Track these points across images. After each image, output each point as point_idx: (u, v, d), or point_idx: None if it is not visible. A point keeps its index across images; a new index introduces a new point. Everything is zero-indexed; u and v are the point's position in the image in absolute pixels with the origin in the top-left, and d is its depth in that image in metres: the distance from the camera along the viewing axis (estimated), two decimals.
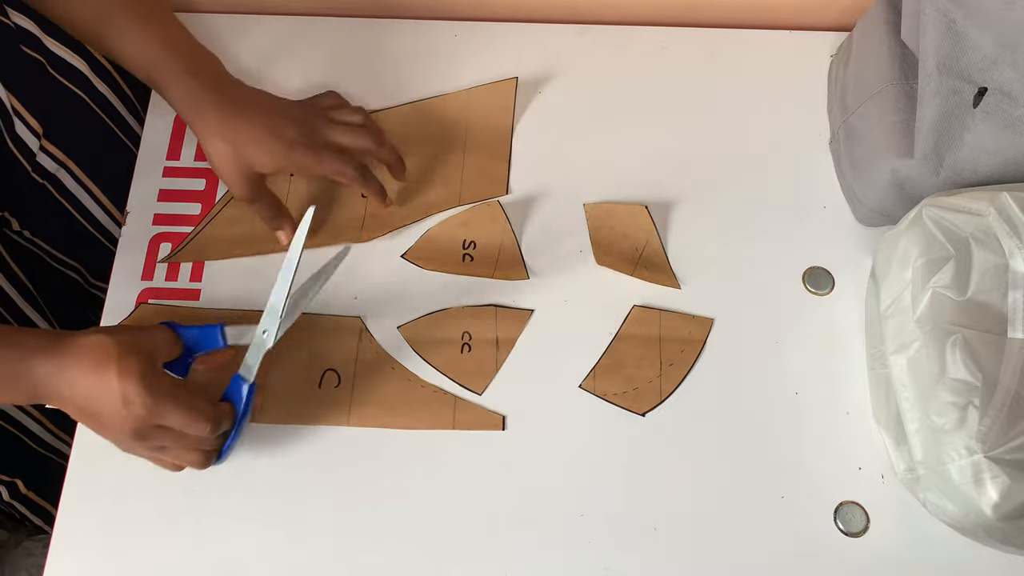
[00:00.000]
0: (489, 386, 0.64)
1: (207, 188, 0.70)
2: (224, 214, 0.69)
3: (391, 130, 0.71)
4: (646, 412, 0.63)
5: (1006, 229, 0.53)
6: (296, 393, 0.63)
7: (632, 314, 0.66)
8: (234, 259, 0.67)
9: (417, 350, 0.65)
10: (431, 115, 0.73)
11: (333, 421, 0.62)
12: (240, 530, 0.60)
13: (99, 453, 0.56)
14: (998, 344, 0.52)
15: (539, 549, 0.59)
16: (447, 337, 0.65)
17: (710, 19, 0.78)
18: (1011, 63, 0.55)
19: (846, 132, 0.70)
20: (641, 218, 0.68)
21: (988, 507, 0.50)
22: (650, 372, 0.64)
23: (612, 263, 0.67)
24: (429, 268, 0.67)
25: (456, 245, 0.68)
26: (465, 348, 0.65)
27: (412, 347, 0.65)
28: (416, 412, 0.63)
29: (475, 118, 0.73)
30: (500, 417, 0.63)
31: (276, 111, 0.63)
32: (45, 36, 0.67)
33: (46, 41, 0.67)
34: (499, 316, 0.66)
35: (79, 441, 0.62)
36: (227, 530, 0.60)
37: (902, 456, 0.58)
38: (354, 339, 0.65)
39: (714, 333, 0.66)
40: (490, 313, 0.66)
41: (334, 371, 0.64)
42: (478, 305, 0.66)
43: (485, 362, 0.64)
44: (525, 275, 0.67)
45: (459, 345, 0.65)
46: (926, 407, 0.53)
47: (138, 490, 0.60)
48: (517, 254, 0.68)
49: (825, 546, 0.59)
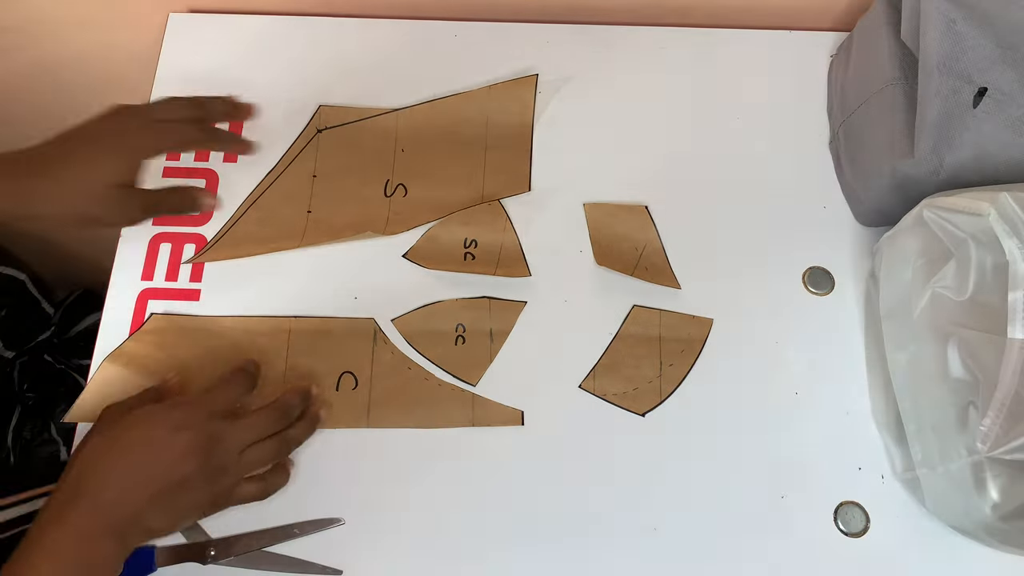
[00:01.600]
0: (493, 386, 0.64)
1: (207, 188, 0.70)
2: (249, 215, 0.69)
3: (411, 128, 0.71)
4: (646, 412, 0.63)
5: (1006, 229, 0.53)
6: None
7: (632, 314, 0.66)
8: (235, 260, 0.67)
9: (411, 342, 0.65)
10: (450, 114, 0.73)
11: (351, 423, 0.62)
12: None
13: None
14: (998, 344, 0.52)
15: (539, 549, 0.59)
16: (441, 329, 0.65)
17: (710, 19, 0.78)
18: (1011, 63, 0.55)
19: (846, 132, 0.70)
20: (641, 218, 0.68)
21: (988, 507, 0.50)
22: (650, 372, 0.64)
23: (612, 263, 0.67)
24: (430, 267, 0.67)
25: (457, 244, 0.68)
26: (459, 340, 0.65)
27: (407, 340, 0.65)
28: (434, 411, 0.63)
29: (495, 116, 0.73)
30: (519, 412, 0.63)
31: (86, 137, 0.62)
32: None
33: None
34: (492, 308, 0.66)
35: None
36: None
37: (902, 456, 0.58)
38: (368, 341, 0.65)
39: (714, 333, 0.66)
40: (484, 305, 0.66)
41: (351, 374, 0.64)
42: (472, 297, 0.66)
43: (479, 354, 0.64)
44: (527, 272, 0.67)
45: (453, 337, 0.65)
46: (926, 407, 0.53)
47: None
48: (519, 251, 0.68)
49: (825, 546, 0.59)
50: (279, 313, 0.65)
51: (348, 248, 0.68)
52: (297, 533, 0.59)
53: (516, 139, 0.72)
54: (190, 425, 0.52)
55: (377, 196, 0.70)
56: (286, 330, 0.65)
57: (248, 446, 0.54)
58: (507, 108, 0.73)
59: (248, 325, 0.65)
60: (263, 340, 0.64)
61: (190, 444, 0.51)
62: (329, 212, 0.69)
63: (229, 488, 0.54)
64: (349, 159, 0.71)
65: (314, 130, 0.72)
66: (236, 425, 0.54)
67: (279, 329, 0.65)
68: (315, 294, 0.66)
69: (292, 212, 0.69)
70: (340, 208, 0.69)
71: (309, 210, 0.69)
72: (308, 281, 0.67)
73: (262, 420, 0.55)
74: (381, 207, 0.70)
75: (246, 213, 0.69)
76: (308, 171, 0.71)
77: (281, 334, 0.65)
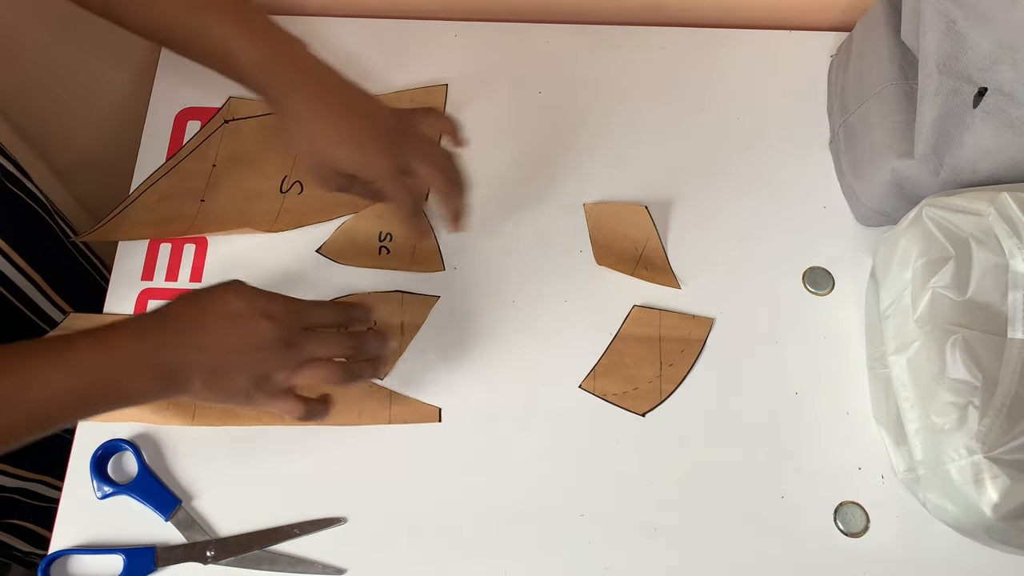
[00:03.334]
0: (491, 385, 0.64)
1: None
2: (145, 198, 0.69)
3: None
4: (646, 412, 0.63)
5: (1006, 229, 0.53)
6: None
7: (632, 314, 0.66)
8: (235, 261, 0.67)
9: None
10: None
11: (268, 421, 0.62)
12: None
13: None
14: (998, 344, 0.52)
15: (539, 549, 0.59)
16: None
17: (709, 19, 0.78)
18: (1011, 63, 0.55)
19: (846, 132, 0.70)
20: (641, 218, 0.67)
21: (988, 507, 0.50)
22: (650, 372, 0.64)
23: (612, 263, 0.67)
24: (345, 263, 0.67)
25: (372, 238, 0.68)
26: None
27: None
28: (353, 408, 0.62)
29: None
30: (436, 409, 0.63)
31: (368, 113, 0.58)
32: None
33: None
34: (404, 302, 0.66)
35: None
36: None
37: (902, 456, 0.58)
38: None
39: (714, 333, 0.66)
40: (396, 299, 0.66)
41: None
42: (384, 291, 0.66)
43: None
44: (441, 267, 0.67)
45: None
46: (926, 407, 0.53)
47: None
48: (434, 244, 0.68)
49: (825, 546, 0.59)
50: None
51: (263, 241, 0.68)
52: (297, 533, 0.59)
53: None
54: (275, 319, 0.52)
55: (272, 191, 0.70)
56: None
57: (310, 360, 0.54)
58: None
59: None
60: None
61: (264, 335, 0.52)
62: (221, 203, 0.69)
63: (275, 391, 0.53)
64: (250, 152, 0.71)
65: (221, 120, 0.72)
66: (311, 337, 0.54)
67: None
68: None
69: (186, 200, 0.69)
70: (232, 200, 0.69)
71: (203, 199, 0.69)
72: (220, 275, 0.66)
73: (337, 346, 0.55)
74: (274, 202, 0.69)
75: (142, 196, 0.69)
76: (209, 160, 0.71)
77: None
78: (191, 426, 0.61)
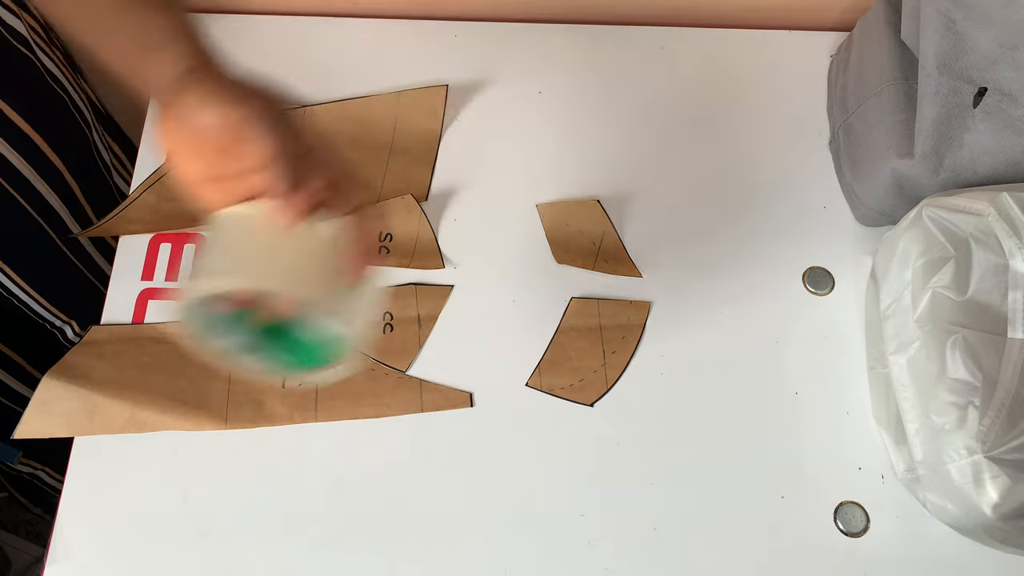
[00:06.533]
0: (488, 387, 0.64)
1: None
2: (146, 197, 0.69)
3: (317, 126, 0.70)
4: (594, 402, 0.63)
5: (1006, 229, 0.53)
6: (262, 394, 0.63)
7: (571, 306, 0.66)
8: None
9: None
10: (359, 115, 0.73)
11: (300, 419, 0.62)
12: (235, 537, 0.60)
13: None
14: (998, 344, 0.52)
15: (539, 550, 0.59)
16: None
17: (709, 19, 0.78)
18: (1011, 63, 0.55)
19: (846, 132, 0.70)
20: (595, 212, 0.68)
21: (988, 507, 0.50)
22: (594, 362, 0.64)
23: (572, 260, 0.67)
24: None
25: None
26: (387, 328, 0.65)
27: None
28: (383, 400, 0.63)
29: (403, 122, 0.73)
30: (467, 395, 0.63)
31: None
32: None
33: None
34: (419, 294, 0.66)
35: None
36: (224, 538, 0.60)
37: (902, 456, 0.58)
38: None
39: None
40: (410, 292, 0.66)
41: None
42: (398, 285, 0.66)
43: (408, 341, 0.65)
44: (441, 264, 0.67)
45: (381, 326, 0.65)
46: (926, 407, 0.53)
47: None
48: (433, 244, 0.68)
49: (825, 546, 0.59)
50: None
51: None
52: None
53: (422, 148, 0.72)
54: (280, 142, 0.46)
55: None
56: None
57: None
58: (416, 115, 0.73)
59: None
60: None
61: (266, 144, 0.46)
62: None
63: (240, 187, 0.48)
64: None
65: None
66: (296, 188, 0.47)
67: None
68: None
69: (185, 199, 0.69)
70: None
71: None
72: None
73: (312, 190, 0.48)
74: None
75: (143, 195, 0.69)
76: None
77: None
78: (223, 430, 0.61)
